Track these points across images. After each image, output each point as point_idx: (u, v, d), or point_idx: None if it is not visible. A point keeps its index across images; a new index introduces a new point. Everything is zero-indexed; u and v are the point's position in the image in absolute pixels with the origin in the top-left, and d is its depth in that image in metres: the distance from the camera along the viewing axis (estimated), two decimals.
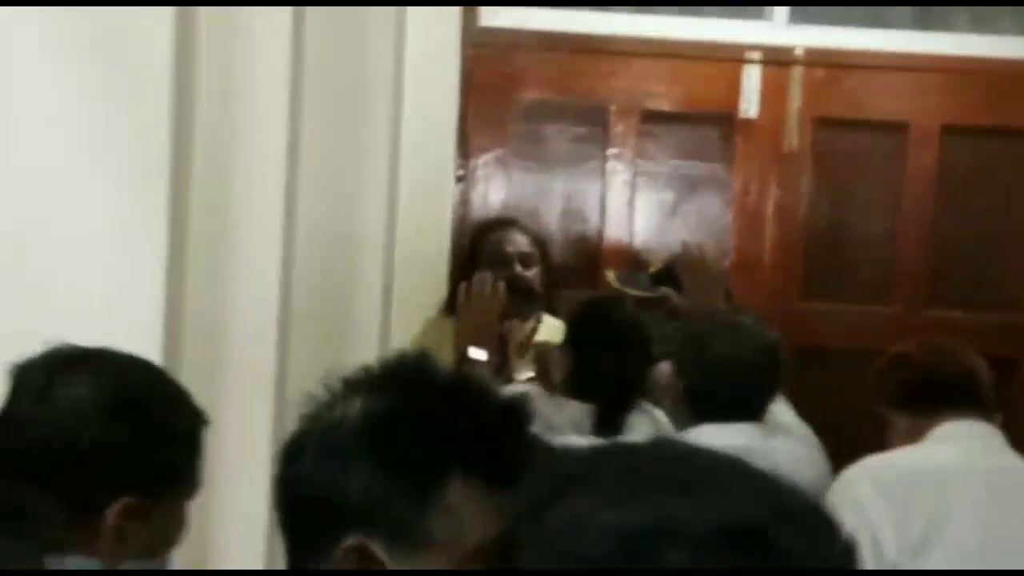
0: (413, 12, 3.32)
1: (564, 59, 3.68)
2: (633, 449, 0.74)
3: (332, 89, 1.80)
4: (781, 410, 2.49)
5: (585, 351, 2.59)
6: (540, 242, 3.12)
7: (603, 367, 2.54)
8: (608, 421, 2.49)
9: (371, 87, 1.86)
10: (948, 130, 3.66)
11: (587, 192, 3.72)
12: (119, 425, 1.26)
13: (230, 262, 1.62)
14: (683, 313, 2.80)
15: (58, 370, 1.30)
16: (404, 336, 2.89)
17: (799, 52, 3.64)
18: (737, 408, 2.22)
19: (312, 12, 1.74)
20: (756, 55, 3.64)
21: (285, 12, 1.63)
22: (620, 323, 2.61)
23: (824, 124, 3.68)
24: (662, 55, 3.66)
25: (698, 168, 3.71)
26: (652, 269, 3.03)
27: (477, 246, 3.13)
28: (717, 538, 0.61)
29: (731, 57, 3.64)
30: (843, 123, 3.69)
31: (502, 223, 3.11)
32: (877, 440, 3.69)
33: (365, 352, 1.89)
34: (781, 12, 3.67)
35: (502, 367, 2.84)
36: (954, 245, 3.70)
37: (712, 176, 3.71)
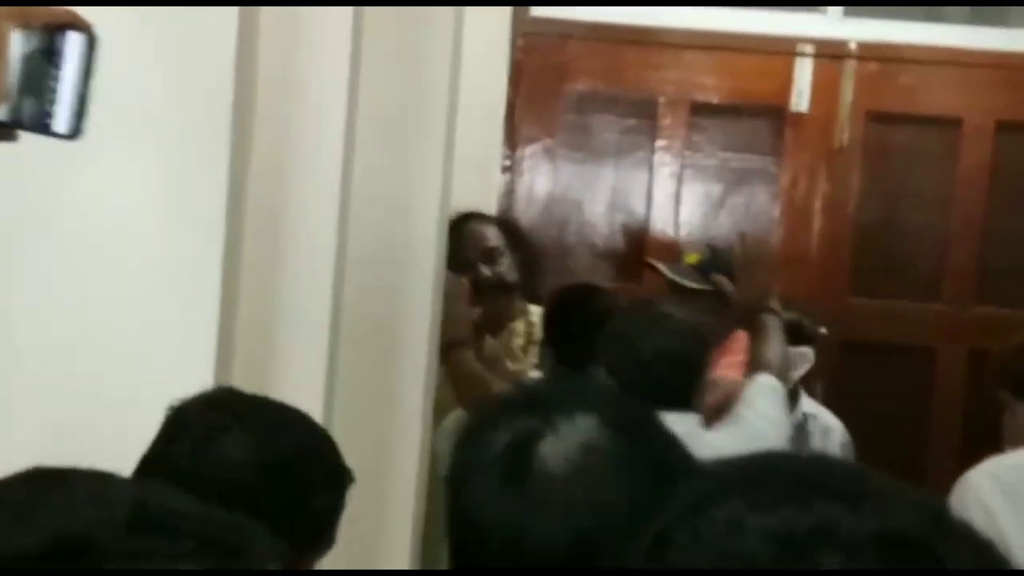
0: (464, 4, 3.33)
1: (613, 50, 3.66)
2: (788, 457, 0.74)
3: (390, 90, 1.80)
4: (759, 403, 2.42)
5: (570, 342, 2.54)
6: (510, 230, 2.92)
7: (588, 357, 2.50)
8: None
9: (429, 87, 1.85)
10: (1002, 126, 3.61)
11: (634, 184, 3.71)
12: (273, 487, 1.25)
13: (285, 252, 1.63)
14: (736, 305, 2.75)
15: (217, 424, 1.28)
16: None
17: (852, 46, 3.60)
18: (668, 399, 2.17)
19: (371, 11, 1.74)
20: (808, 48, 3.61)
21: (346, 11, 1.63)
22: (599, 312, 2.57)
23: (876, 119, 3.64)
24: (712, 47, 3.63)
25: (747, 161, 3.69)
26: (692, 259, 2.92)
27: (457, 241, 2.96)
28: (876, 544, 0.61)
29: (783, 50, 3.61)
30: (895, 118, 3.65)
31: (465, 218, 2.90)
32: (922, 433, 3.69)
33: (416, 348, 1.89)
34: (835, 6, 3.63)
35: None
36: (1005, 243, 3.66)
37: (761, 170, 3.69)
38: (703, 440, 2.20)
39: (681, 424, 2.16)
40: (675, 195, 3.70)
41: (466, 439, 1.14)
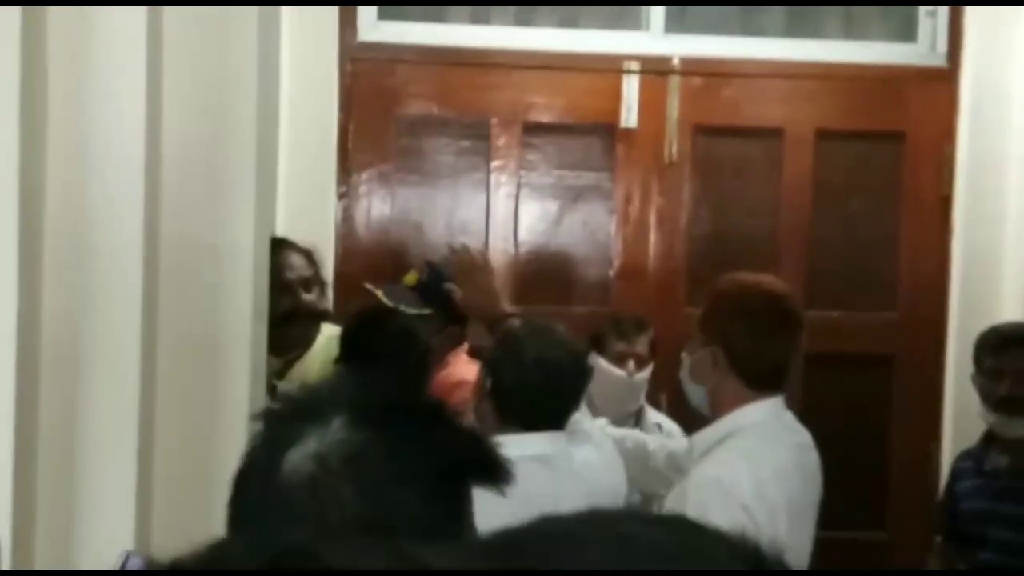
0: (289, 26, 3.30)
1: (444, 73, 3.68)
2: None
3: (192, 100, 1.76)
4: (588, 421, 2.49)
5: (365, 362, 2.56)
6: (311, 256, 2.96)
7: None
8: None
9: (237, 99, 1.81)
10: (822, 134, 3.75)
11: (472, 205, 3.72)
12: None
13: (88, 296, 1.57)
14: (468, 315, 2.80)
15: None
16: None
17: (676, 62, 3.69)
18: (543, 415, 2.20)
19: (169, 16, 1.70)
20: (634, 65, 3.68)
21: (139, 13, 1.58)
22: (396, 331, 2.61)
23: (703, 132, 3.73)
24: (541, 67, 3.68)
25: (581, 178, 3.75)
26: (410, 279, 2.92)
27: None
28: None
29: (610, 68, 3.68)
30: (721, 130, 3.75)
31: (275, 245, 2.92)
32: None
33: (238, 379, 1.85)
34: (657, 22, 3.72)
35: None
36: (831, 247, 3.79)
37: (595, 186, 3.75)
38: (575, 456, 2.23)
39: (548, 443, 2.18)
40: (513, 214, 3.73)
41: (246, 452, 1.13)
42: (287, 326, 2.51)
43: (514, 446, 2.11)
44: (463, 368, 3.14)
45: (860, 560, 3.83)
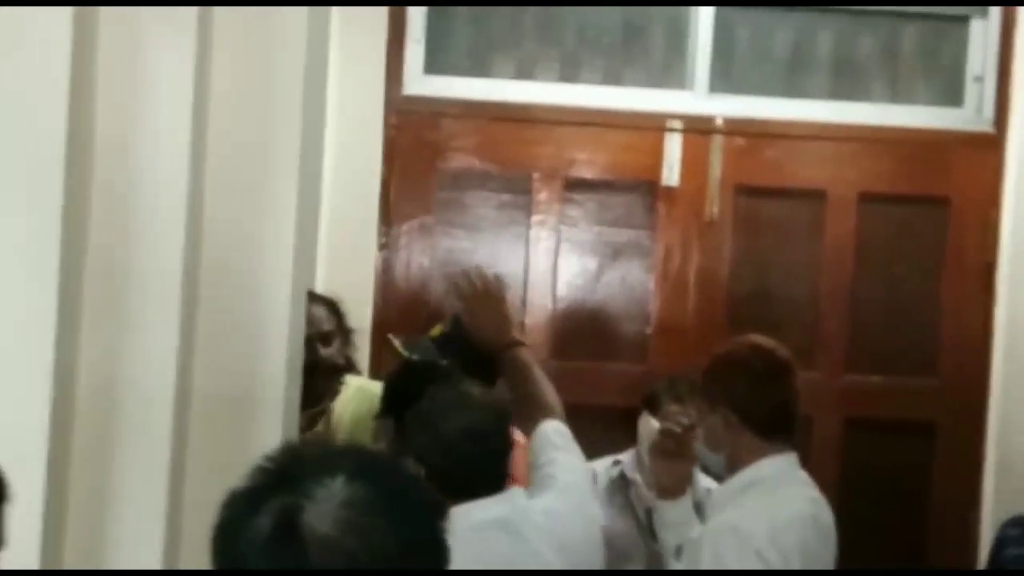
0: (336, 77, 3.35)
1: (487, 127, 3.70)
2: None
3: (234, 149, 1.77)
4: (562, 461, 2.44)
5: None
6: (333, 306, 2.97)
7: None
8: None
9: (279, 149, 1.83)
10: (865, 197, 3.73)
11: (511, 259, 3.73)
12: None
13: (125, 341, 1.59)
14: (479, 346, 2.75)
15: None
16: None
17: (719, 121, 3.69)
18: (481, 481, 2.13)
19: (218, 52, 1.72)
20: (677, 124, 3.69)
21: (188, 49, 1.61)
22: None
23: (744, 192, 3.73)
24: (584, 123, 3.69)
25: (621, 235, 3.74)
26: (435, 331, 2.91)
27: None
28: None
29: (653, 126, 3.69)
30: (763, 191, 3.74)
31: None
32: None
33: (269, 430, 1.86)
34: (702, 81, 3.73)
35: None
36: (873, 311, 3.75)
37: (635, 243, 3.74)
38: (534, 509, 2.18)
39: (505, 504, 2.14)
40: (552, 269, 3.73)
41: (227, 528, 1.14)
42: (307, 379, 2.50)
43: (472, 513, 2.09)
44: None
45: None
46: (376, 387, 2.83)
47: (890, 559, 3.77)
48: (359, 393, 2.95)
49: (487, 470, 2.15)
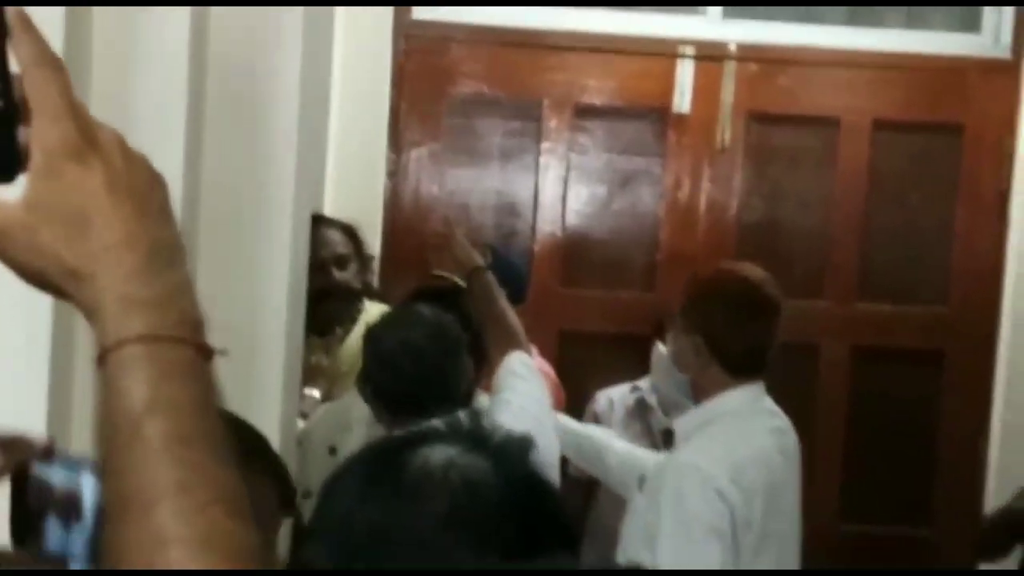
0: (344, 7, 3.31)
1: (497, 53, 3.66)
2: None
3: (235, 70, 1.75)
4: (520, 386, 2.43)
5: None
6: (352, 232, 2.96)
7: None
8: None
9: (280, 72, 1.80)
10: (879, 125, 3.68)
11: (520, 186, 3.71)
12: None
13: None
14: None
15: None
16: None
17: (732, 47, 3.65)
18: (424, 400, 2.08)
19: (215, 11, 1.71)
20: (689, 50, 3.64)
21: (183, 12, 1.60)
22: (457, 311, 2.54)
23: (757, 119, 3.69)
24: (595, 50, 3.65)
25: (631, 162, 3.72)
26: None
27: None
28: None
29: (664, 52, 3.65)
30: (776, 118, 3.70)
31: (313, 221, 2.95)
32: (808, 427, 3.73)
33: (275, 358, 1.86)
34: (715, 7, 3.67)
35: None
36: (884, 239, 3.73)
37: (645, 170, 3.72)
38: None
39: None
40: (561, 197, 3.71)
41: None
42: (321, 304, 2.49)
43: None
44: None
45: (905, 556, 3.79)
46: None
47: (899, 488, 3.79)
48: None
49: (429, 388, 2.09)
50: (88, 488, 1.13)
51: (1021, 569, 2.82)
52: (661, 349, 2.87)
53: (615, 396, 3.31)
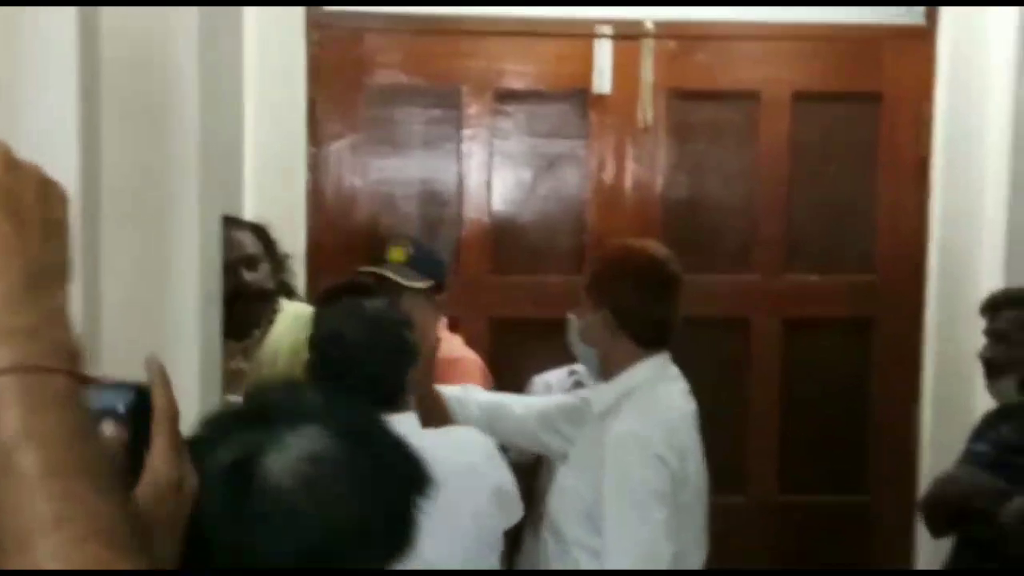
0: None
1: (412, 41, 3.62)
2: None
3: (130, 69, 1.69)
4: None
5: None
6: (262, 232, 2.92)
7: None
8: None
9: (178, 72, 1.75)
10: (799, 97, 3.69)
11: (444, 174, 3.68)
12: None
13: None
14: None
15: None
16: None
17: (649, 25, 3.63)
18: (378, 392, 2.10)
19: (108, 11, 1.65)
20: (606, 30, 3.62)
21: (69, 12, 1.54)
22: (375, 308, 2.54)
23: (678, 96, 3.68)
24: (512, 33, 3.62)
25: (555, 145, 3.70)
26: (399, 256, 2.93)
27: None
28: None
29: (581, 33, 3.62)
30: (696, 95, 3.70)
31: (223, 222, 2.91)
32: (741, 400, 3.75)
33: (190, 371, 1.81)
34: None
35: None
36: (809, 210, 3.75)
37: (569, 153, 3.70)
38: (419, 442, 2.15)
39: (400, 425, 2.11)
40: (486, 183, 3.68)
41: (195, 449, 1.10)
42: (234, 307, 2.45)
43: None
44: (453, 344, 3.10)
45: (842, 524, 3.82)
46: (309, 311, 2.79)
47: (833, 456, 3.82)
48: (297, 321, 2.90)
49: (356, 378, 2.09)
50: None
51: (956, 555, 2.86)
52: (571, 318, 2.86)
53: (552, 381, 3.30)
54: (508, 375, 3.32)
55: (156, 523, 0.91)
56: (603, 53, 3.63)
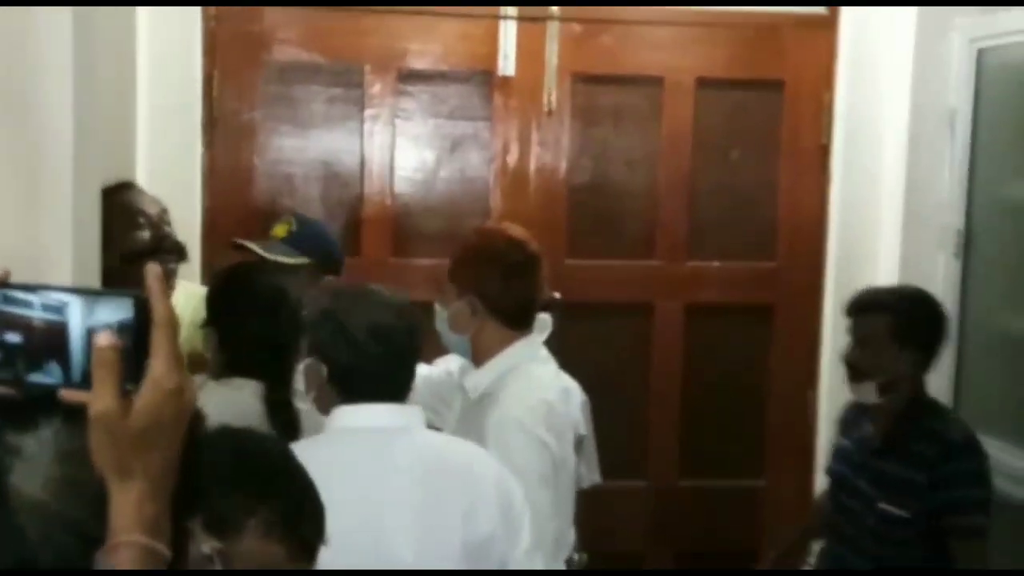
0: None
1: (313, 17, 3.54)
2: None
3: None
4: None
5: (234, 322, 2.46)
6: (162, 204, 2.87)
7: (256, 336, 2.43)
8: (276, 396, 2.40)
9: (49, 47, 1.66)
10: (702, 83, 3.70)
11: (345, 155, 3.61)
12: None
13: None
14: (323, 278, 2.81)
15: None
16: None
17: (554, 9, 3.60)
18: (382, 383, 2.06)
19: None
20: (511, 11, 3.58)
21: None
22: (266, 289, 2.50)
23: (582, 80, 3.66)
24: (415, 12, 3.56)
25: (458, 127, 3.65)
26: (280, 232, 2.92)
27: (110, 212, 2.80)
28: None
29: (486, 14, 3.58)
30: (601, 79, 3.68)
31: (127, 186, 2.84)
32: (644, 385, 3.76)
33: None
34: None
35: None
36: (711, 196, 3.76)
37: (473, 135, 3.66)
38: (428, 437, 2.11)
39: (398, 417, 2.05)
40: (388, 164, 3.62)
41: None
42: (145, 260, 2.39)
43: (359, 415, 2.02)
44: None
45: (739, 507, 3.86)
46: (203, 292, 2.72)
47: (733, 440, 3.85)
48: (190, 301, 2.83)
49: (391, 373, 2.06)
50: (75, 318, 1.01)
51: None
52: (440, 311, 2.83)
53: (452, 366, 3.26)
54: None
55: (157, 430, 0.98)
56: (508, 35, 3.59)
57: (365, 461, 2.00)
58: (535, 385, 2.43)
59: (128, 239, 2.67)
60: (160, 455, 0.98)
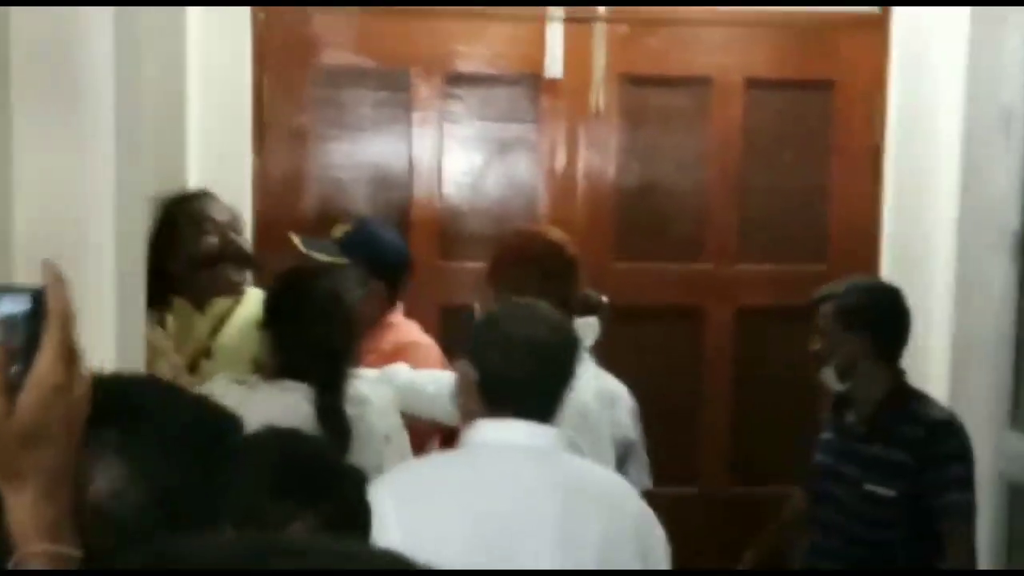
0: None
1: (361, 22, 3.55)
2: None
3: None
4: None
5: (289, 326, 2.46)
6: (235, 212, 2.94)
7: (310, 341, 2.43)
8: (327, 401, 2.40)
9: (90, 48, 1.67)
10: (751, 83, 3.67)
11: (394, 158, 3.62)
12: None
13: None
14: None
15: None
16: None
17: (601, 10, 3.59)
18: (529, 397, 1.99)
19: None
20: (558, 13, 3.58)
21: None
22: (322, 293, 2.50)
23: (630, 81, 3.64)
24: (463, 16, 3.56)
25: (506, 130, 3.65)
26: (338, 232, 2.93)
27: (178, 219, 2.82)
28: None
29: (533, 16, 3.57)
30: (648, 80, 3.66)
31: (200, 194, 2.92)
32: (695, 390, 3.73)
33: (102, 335, 1.76)
34: None
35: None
36: (761, 198, 3.72)
37: (520, 137, 3.65)
38: (576, 464, 2.03)
39: (545, 437, 2.00)
40: (436, 168, 3.63)
41: None
42: (213, 268, 2.46)
43: (511, 431, 1.96)
44: (410, 329, 3.04)
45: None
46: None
47: (785, 445, 3.80)
48: (257, 304, 2.86)
49: (539, 388, 2.00)
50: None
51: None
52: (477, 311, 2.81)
53: None
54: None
55: (43, 427, 0.94)
56: (555, 37, 3.58)
57: (504, 480, 1.93)
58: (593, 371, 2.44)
59: (194, 245, 2.74)
60: (50, 453, 0.95)
